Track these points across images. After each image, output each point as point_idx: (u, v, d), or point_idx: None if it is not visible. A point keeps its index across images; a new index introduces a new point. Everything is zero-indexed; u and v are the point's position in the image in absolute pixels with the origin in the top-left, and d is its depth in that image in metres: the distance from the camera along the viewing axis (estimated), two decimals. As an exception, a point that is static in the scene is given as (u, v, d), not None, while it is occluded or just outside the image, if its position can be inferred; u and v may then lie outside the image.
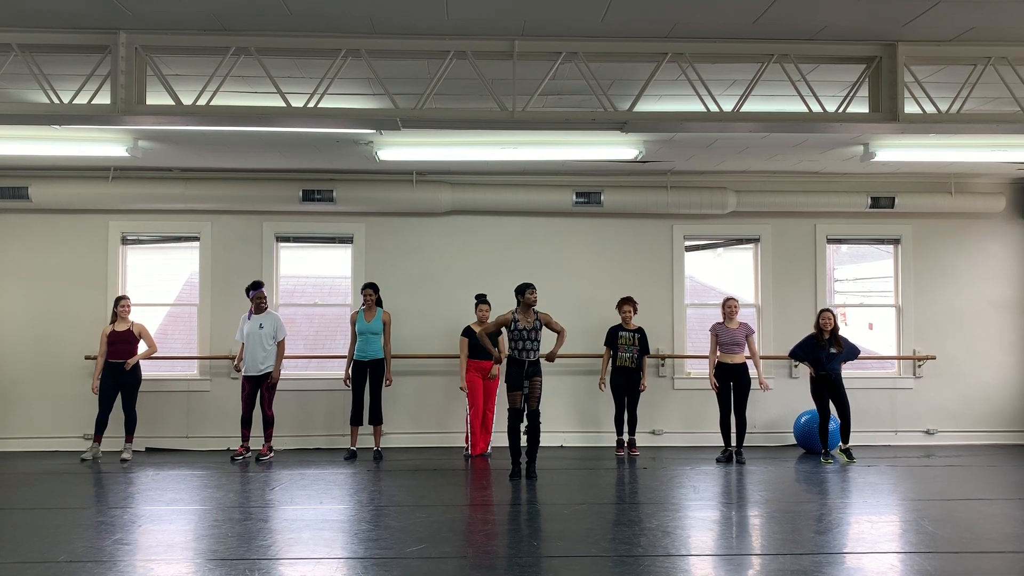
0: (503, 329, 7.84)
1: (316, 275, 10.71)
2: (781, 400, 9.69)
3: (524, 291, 7.66)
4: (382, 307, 8.95)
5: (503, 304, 8.79)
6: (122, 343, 8.65)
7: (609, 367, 8.97)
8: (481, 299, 8.88)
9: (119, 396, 8.69)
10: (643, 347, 8.92)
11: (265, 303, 8.77)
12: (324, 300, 10.56)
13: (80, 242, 9.47)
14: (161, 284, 10.17)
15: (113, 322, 8.73)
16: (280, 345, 8.75)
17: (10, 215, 9.41)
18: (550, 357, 7.79)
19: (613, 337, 8.94)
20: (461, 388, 8.82)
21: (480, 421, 8.88)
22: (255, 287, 8.75)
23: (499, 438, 8.84)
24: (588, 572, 4.95)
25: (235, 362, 9.00)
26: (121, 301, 8.76)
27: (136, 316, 8.96)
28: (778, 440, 9.67)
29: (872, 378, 9.88)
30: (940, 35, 5.48)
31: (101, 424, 8.64)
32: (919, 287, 9.95)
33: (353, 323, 8.84)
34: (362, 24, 5.27)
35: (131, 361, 8.64)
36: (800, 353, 8.70)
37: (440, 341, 9.52)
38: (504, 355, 7.83)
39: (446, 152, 8.20)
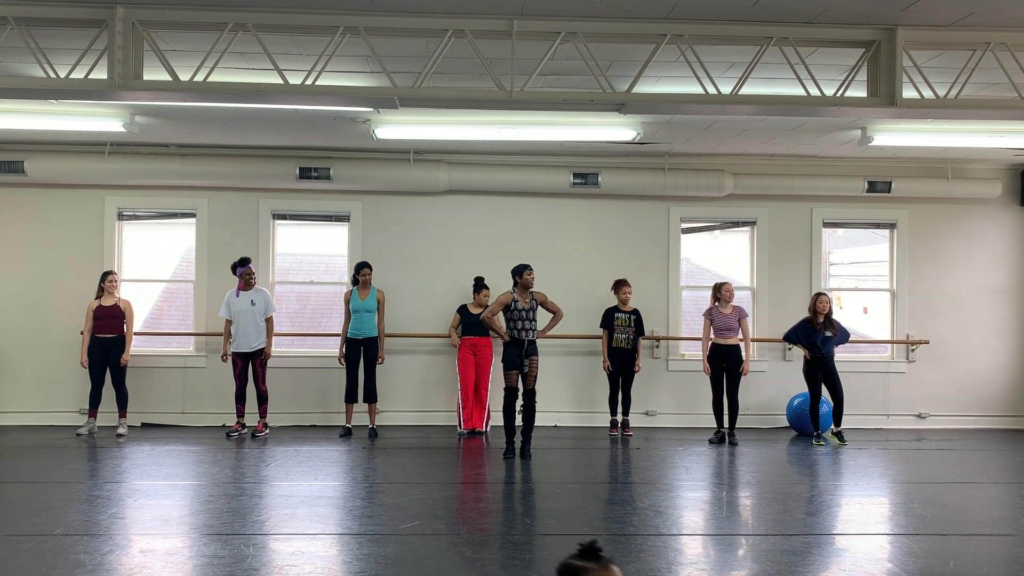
0: (498, 309, 7.87)
1: (312, 253, 10.71)
2: (774, 382, 9.74)
3: (521, 272, 7.70)
4: (372, 285, 8.95)
5: (501, 284, 8.80)
6: (109, 318, 8.60)
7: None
8: (481, 283, 8.90)
9: (108, 371, 8.69)
10: (639, 328, 8.95)
11: (253, 279, 8.77)
12: (320, 278, 10.57)
13: (76, 217, 9.43)
14: (157, 260, 10.16)
15: (99, 297, 8.69)
16: (269, 321, 8.77)
17: (6, 189, 9.37)
18: (540, 334, 7.87)
19: (609, 318, 8.96)
20: (453, 345, 9.10)
21: (472, 396, 8.93)
22: (242, 263, 8.74)
23: (496, 416, 8.88)
24: (580, 550, 4.99)
25: (221, 352, 8.88)
26: (108, 276, 8.70)
27: (132, 292, 8.92)
28: (770, 422, 9.73)
29: (865, 362, 9.93)
30: (940, 20, 5.48)
31: (95, 398, 8.65)
32: (914, 272, 9.97)
33: (347, 301, 8.85)
34: (360, 1, 5.24)
35: (126, 357, 8.65)
36: (794, 337, 8.73)
37: (436, 320, 9.54)
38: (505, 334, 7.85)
39: (444, 131, 8.18)
